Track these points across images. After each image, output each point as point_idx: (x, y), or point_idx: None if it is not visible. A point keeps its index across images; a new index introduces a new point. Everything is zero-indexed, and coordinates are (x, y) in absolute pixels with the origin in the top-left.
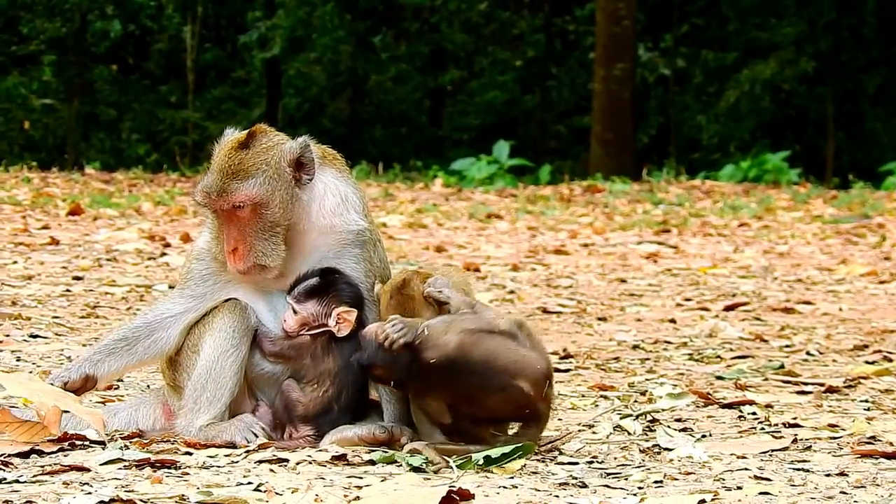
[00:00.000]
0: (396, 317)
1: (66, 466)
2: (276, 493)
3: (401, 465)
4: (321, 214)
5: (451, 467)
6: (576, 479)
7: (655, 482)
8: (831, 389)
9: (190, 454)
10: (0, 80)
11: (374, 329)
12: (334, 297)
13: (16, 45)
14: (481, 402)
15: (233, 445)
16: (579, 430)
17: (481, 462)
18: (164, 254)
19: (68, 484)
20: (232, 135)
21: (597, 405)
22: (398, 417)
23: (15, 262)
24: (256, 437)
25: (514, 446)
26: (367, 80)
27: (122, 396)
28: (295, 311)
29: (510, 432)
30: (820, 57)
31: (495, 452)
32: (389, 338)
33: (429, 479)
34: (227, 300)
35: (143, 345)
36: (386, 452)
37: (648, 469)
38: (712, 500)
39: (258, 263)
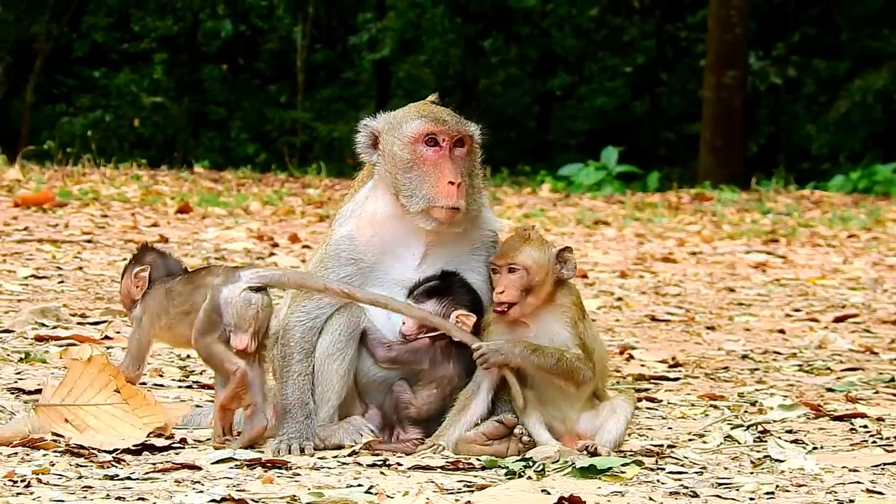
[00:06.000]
0: None
1: (177, 464)
2: (388, 496)
3: (506, 469)
4: (476, 204)
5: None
6: (686, 488)
7: (767, 493)
8: None
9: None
10: (111, 77)
11: None
12: (453, 300)
13: (127, 43)
14: None
15: (341, 448)
16: (689, 440)
17: (586, 466)
18: (272, 254)
19: (180, 482)
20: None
21: (707, 415)
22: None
23: (124, 259)
24: (363, 437)
25: (622, 460)
26: (477, 84)
27: None
28: None
29: None
30: None
31: (601, 462)
32: None
33: (540, 484)
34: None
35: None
36: (493, 457)
37: (759, 480)
38: None
39: (466, 206)
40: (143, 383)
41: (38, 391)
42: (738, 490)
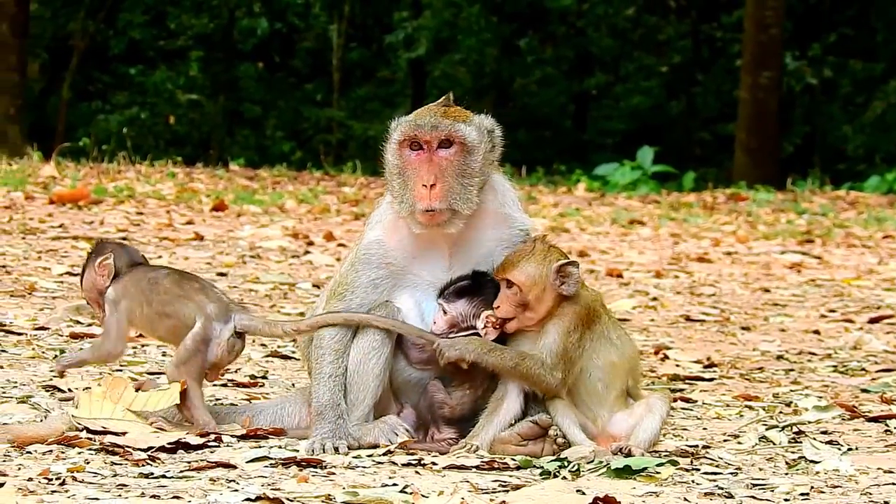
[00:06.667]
0: None
1: (212, 463)
2: (423, 496)
3: (540, 469)
4: (500, 203)
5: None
6: (721, 489)
7: (802, 494)
8: None
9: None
10: (147, 74)
11: None
12: (483, 300)
13: (163, 41)
14: None
15: (376, 447)
16: (724, 440)
17: (621, 467)
18: (307, 252)
19: (215, 480)
20: None
21: (742, 415)
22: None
23: (160, 257)
24: (398, 437)
25: (657, 461)
26: (512, 83)
27: (268, 395)
28: (444, 312)
29: None
30: None
31: (636, 462)
32: None
33: (575, 485)
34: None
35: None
36: (528, 457)
37: (794, 481)
38: None
39: (451, 207)
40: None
41: (73, 389)
42: (773, 491)
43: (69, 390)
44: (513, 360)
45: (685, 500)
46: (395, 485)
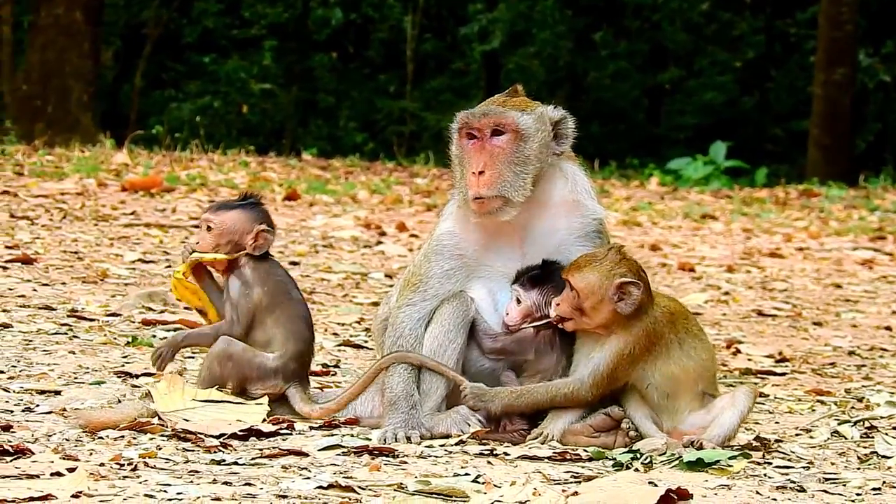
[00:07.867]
0: None
1: (284, 451)
2: (495, 486)
3: (613, 460)
4: (572, 191)
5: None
6: (793, 483)
7: (874, 489)
8: None
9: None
10: (220, 63)
11: None
12: (553, 288)
13: (237, 29)
14: None
15: (448, 437)
16: (796, 435)
17: (693, 460)
18: (379, 242)
19: (287, 468)
20: None
21: (813, 410)
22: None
23: None
24: (470, 427)
25: (730, 453)
26: (586, 77)
27: (340, 383)
28: (518, 301)
29: None
30: None
31: (708, 455)
32: None
33: (647, 476)
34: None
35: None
36: (600, 449)
37: (866, 476)
38: None
39: (502, 194)
40: None
41: (145, 374)
42: (844, 485)
43: (136, 377)
44: (546, 395)
45: (757, 493)
46: (467, 474)
